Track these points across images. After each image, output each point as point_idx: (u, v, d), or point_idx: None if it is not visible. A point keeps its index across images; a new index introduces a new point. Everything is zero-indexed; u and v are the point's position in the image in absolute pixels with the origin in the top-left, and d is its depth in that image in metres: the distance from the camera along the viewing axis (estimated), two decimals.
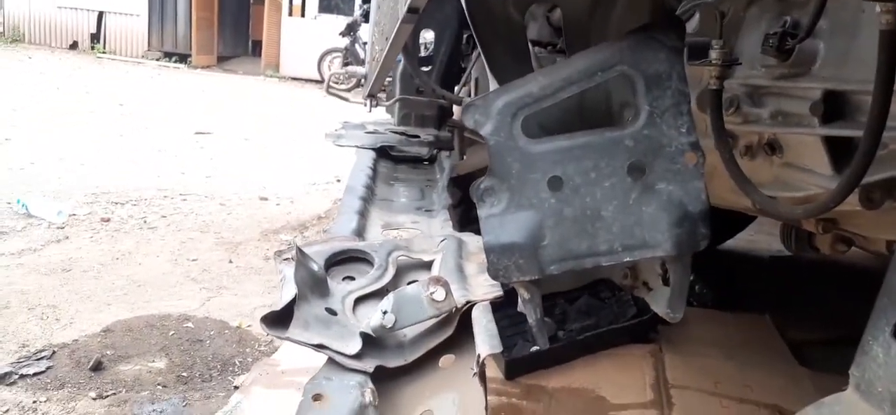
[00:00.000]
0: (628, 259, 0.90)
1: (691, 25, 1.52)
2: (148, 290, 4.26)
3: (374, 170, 2.10)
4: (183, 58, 18.27)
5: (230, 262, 4.91)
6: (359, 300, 1.23)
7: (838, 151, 1.26)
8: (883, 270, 0.94)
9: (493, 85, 1.77)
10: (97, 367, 3.22)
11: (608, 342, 1.92)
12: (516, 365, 1.68)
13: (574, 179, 0.89)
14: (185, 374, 3.27)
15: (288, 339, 1.07)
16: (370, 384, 1.05)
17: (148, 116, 10.68)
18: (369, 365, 1.07)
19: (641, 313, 2.03)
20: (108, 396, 2.99)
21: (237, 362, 3.43)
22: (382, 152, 2.45)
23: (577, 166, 0.89)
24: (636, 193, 0.89)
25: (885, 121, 0.98)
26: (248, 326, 3.89)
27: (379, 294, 1.26)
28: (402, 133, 2.68)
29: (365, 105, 3.13)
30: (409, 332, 1.13)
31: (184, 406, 2.80)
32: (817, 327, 2.46)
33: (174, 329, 3.71)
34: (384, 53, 1.90)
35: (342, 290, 1.25)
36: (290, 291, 1.10)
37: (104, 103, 11.30)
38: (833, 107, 1.24)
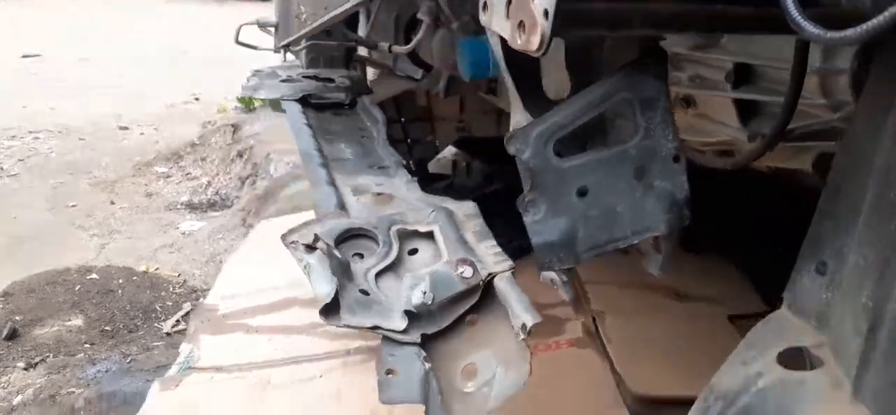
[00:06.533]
0: (636, 240, 1.20)
1: None
2: (35, 245, 4.09)
3: (311, 127, 2.21)
4: None
5: (112, 203, 4.77)
6: (378, 275, 1.43)
7: (745, 108, 1.61)
8: None
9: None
10: (12, 335, 3.12)
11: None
12: None
13: (595, 186, 1.16)
14: (108, 328, 3.25)
15: (346, 326, 1.26)
16: (423, 352, 1.28)
17: None
18: (416, 336, 1.29)
19: None
20: (37, 363, 2.94)
21: (158, 308, 3.44)
22: (303, 101, 2.54)
23: (597, 176, 1.16)
24: (640, 191, 1.18)
25: (798, 97, 1.30)
26: (156, 268, 3.87)
27: (393, 267, 1.46)
28: (313, 77, 2.78)
29: (279, 53, 3.17)
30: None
31: (128, 362, 2.85)
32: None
33: (79, 283, 3.62)
34: (322, 21, 2.01)
35: (360, 269, 1.43)
36: (328, 282, 1.29)
37: None
38: (742, 75, 1.58)
